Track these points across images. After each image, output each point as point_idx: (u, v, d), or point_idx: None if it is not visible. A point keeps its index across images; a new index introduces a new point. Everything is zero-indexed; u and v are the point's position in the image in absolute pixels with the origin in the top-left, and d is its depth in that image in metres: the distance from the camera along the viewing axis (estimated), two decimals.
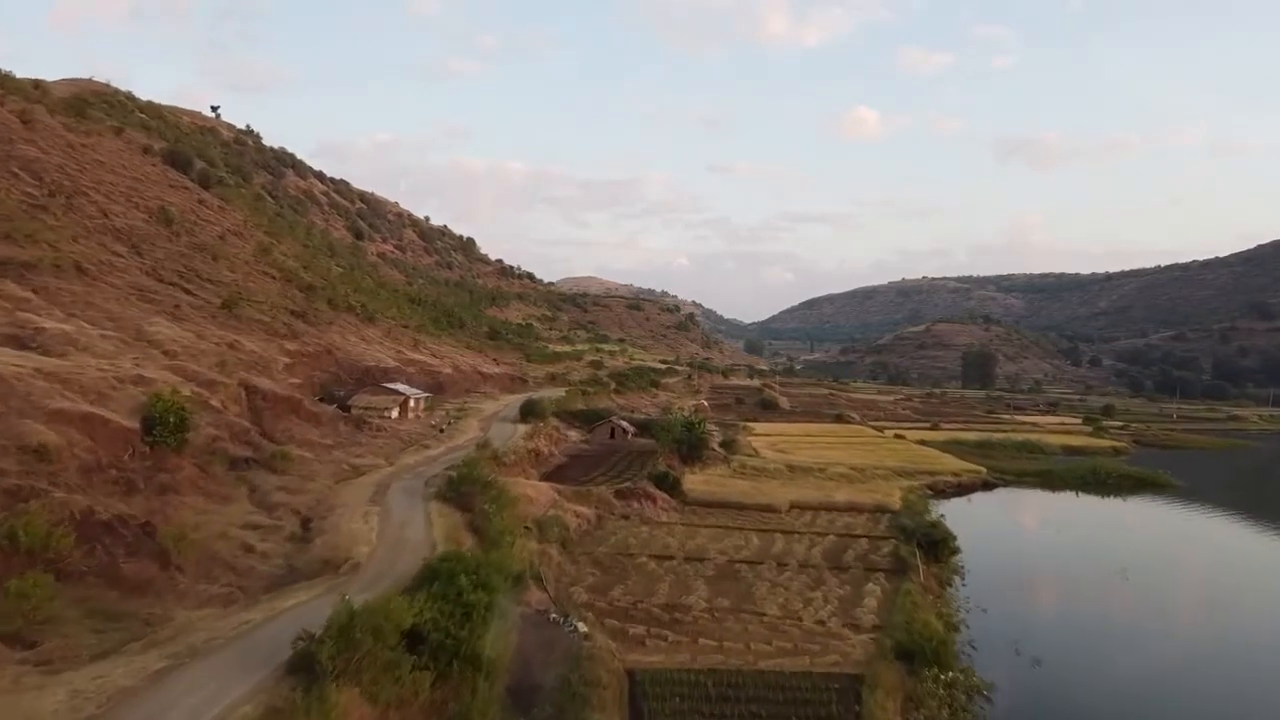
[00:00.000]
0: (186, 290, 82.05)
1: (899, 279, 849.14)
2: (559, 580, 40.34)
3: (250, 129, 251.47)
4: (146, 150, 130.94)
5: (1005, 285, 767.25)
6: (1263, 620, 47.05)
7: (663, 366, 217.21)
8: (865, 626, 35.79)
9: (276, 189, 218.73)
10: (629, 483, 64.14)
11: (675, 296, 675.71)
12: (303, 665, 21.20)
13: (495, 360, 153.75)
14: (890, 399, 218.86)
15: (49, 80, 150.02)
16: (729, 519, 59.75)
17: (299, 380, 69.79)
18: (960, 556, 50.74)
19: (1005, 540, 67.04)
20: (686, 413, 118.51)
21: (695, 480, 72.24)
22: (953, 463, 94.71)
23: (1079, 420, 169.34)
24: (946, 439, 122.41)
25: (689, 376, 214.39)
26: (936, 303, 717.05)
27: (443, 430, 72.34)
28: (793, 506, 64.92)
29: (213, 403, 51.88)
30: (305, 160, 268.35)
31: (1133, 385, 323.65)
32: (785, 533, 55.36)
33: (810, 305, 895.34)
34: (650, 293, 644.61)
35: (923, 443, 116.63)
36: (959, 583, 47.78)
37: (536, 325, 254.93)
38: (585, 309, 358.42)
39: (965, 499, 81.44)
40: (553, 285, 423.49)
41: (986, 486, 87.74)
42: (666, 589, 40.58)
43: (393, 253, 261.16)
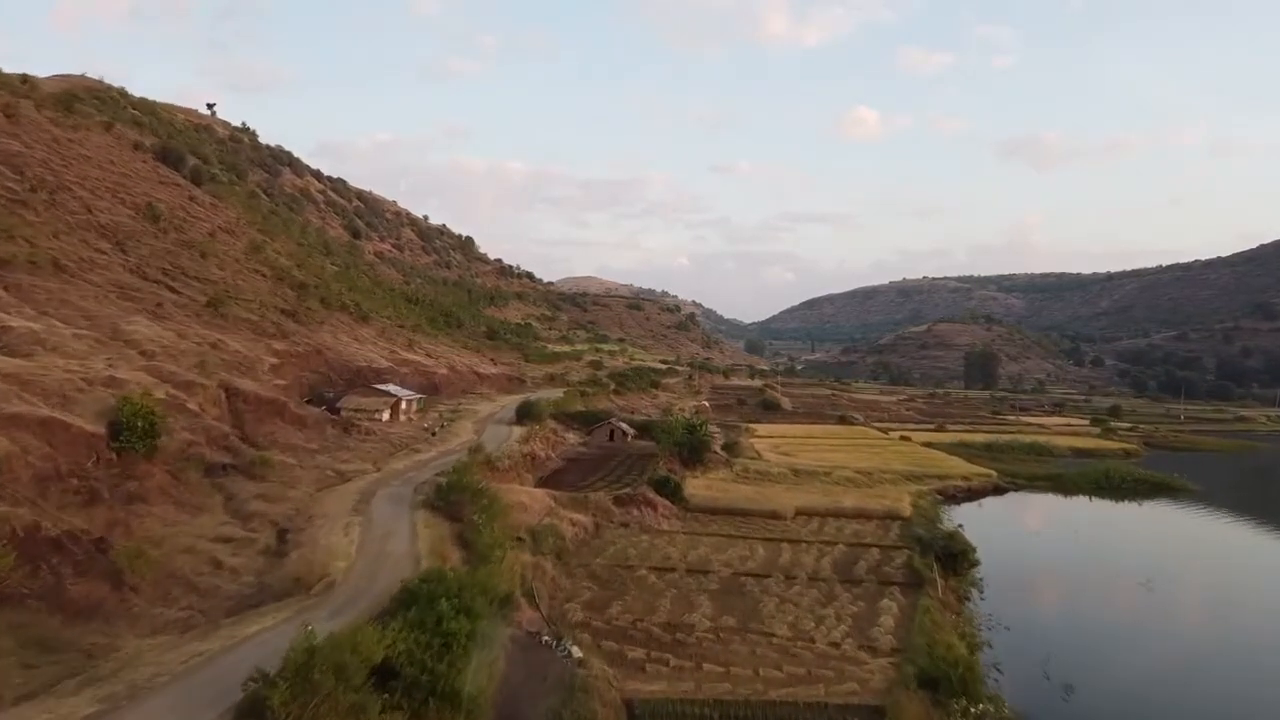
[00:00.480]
0: (171, 288, 79.49)
1: (899, 279, 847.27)
2: (553, 596, 37.72)
3: (246, 126, 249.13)
4: (137, 146, 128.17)
5: (1006, 285, 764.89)
6: None
7: (663, 367, 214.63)
8: (883, 649, 33.14)
9: (272, 187, 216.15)
10: (628, 488, 61.57)
11: (675, 296, 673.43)
12: (253, 711, 18.58)
13: (493, 360, 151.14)
14: (893, 399, 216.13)
15: (41, 76, 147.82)
16: (733, 527, 57.12)
17: (286, 381, 67.17)
18: (978, 569, 47.98)
19: (1022, 548, 63.95)
20: (687, 414, 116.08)
21: (697, 485, 69.69)
22: (962, 466, 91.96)
23: (1086, 421, 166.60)
24: (953, 441, 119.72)
25: (689, 377, 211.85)
26: (937, 303, 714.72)
27: (435, 433, 69.69)
28: (798, 513, 62.32)
29: (190, 405, 49.26)
30: (303, 159, 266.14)
31: (1136, 386, 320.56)
32: (792, 542, 52.76)
33: (810, 305, 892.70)
34: (650, 293, 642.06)
35: (929, 445, 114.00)
36: (977, 596, 45.14)
37: (535, 325, 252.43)
38: (585, 309, 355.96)
39: (976, 504, 78.68)
40: (552, 285, 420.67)
41: (997, 491, 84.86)
42: (668, 605, 37.99)
43: (390, 252, 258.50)
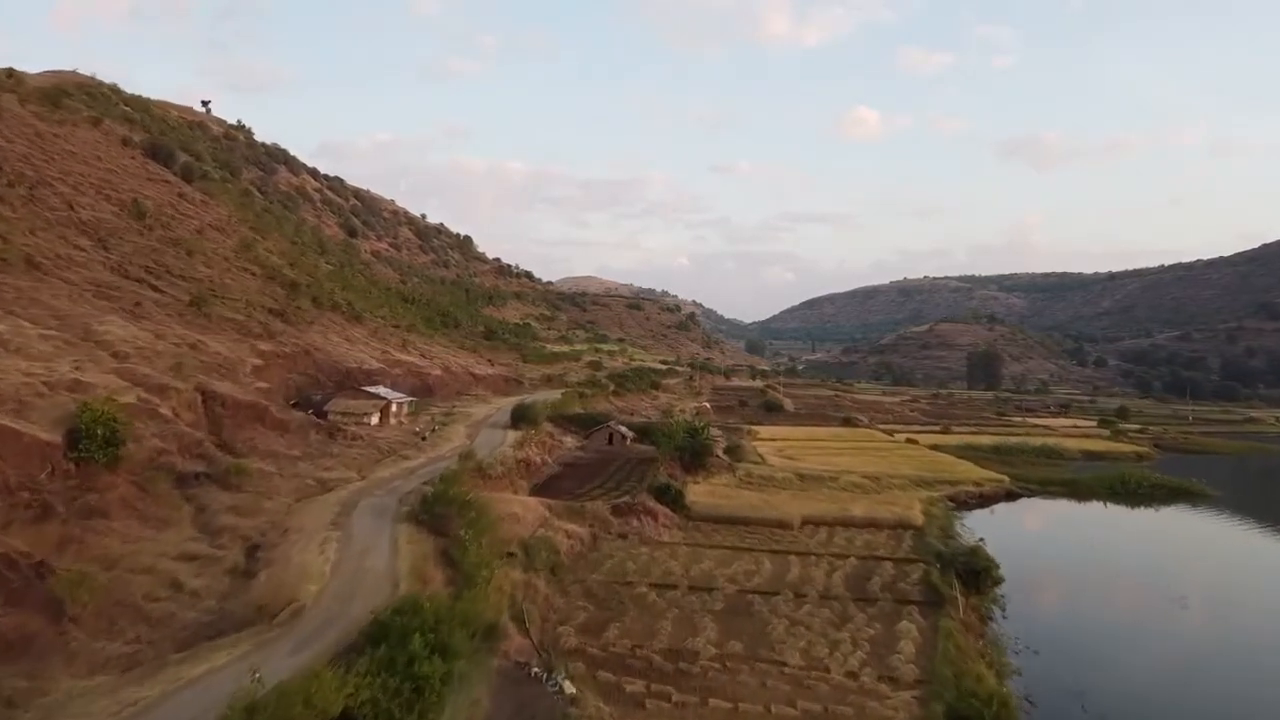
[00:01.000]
0: (154, 287, 76.64)
1: (900, 279, 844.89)
2: (545, 619, 34.90)
3: (241, 124, 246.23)
4: (126, 142, 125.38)
5: (1007, 285, 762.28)
6: None
7: (663, 367, 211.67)
8: (905, 680, 30.30)
9: (267, 185, 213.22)
10: (628, 496, 58.71)
11: (675, 296, 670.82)
12: None
13: (490, 361, 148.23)
14: (896, 400, 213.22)
15: (32, 73, 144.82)
16: (737, 538, 54.28)
17: (270, 384, 64.27)
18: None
19: (1043, 559, 60.47)
20: (688, 416, 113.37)
21: (699, 491, 66.87)
22: (973, 470, 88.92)
23: (1094, 423, 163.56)
24: (960, 444, 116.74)
25: (690, 378, 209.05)
26: (938, 302, 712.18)
27: (425, 438, 66.80)
28: (806, 522, 59.49)
29: (162, 410, 46.39)
30: (300, 158, 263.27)
31: (1140, 386, 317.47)
32: (801, 554, 49.90)
33: (811, 305, 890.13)
34: (650, 292, 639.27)
35: (936, 447, 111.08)
36: (999, 615, 42.27)
37: (534, 325, 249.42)
38: (584, 308, 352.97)
39: (988, 510, 75.72)
40: (551, 284, 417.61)
41: (1010, 496, 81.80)
42: (669, 628, 35.17)
43: (387, 251, 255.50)
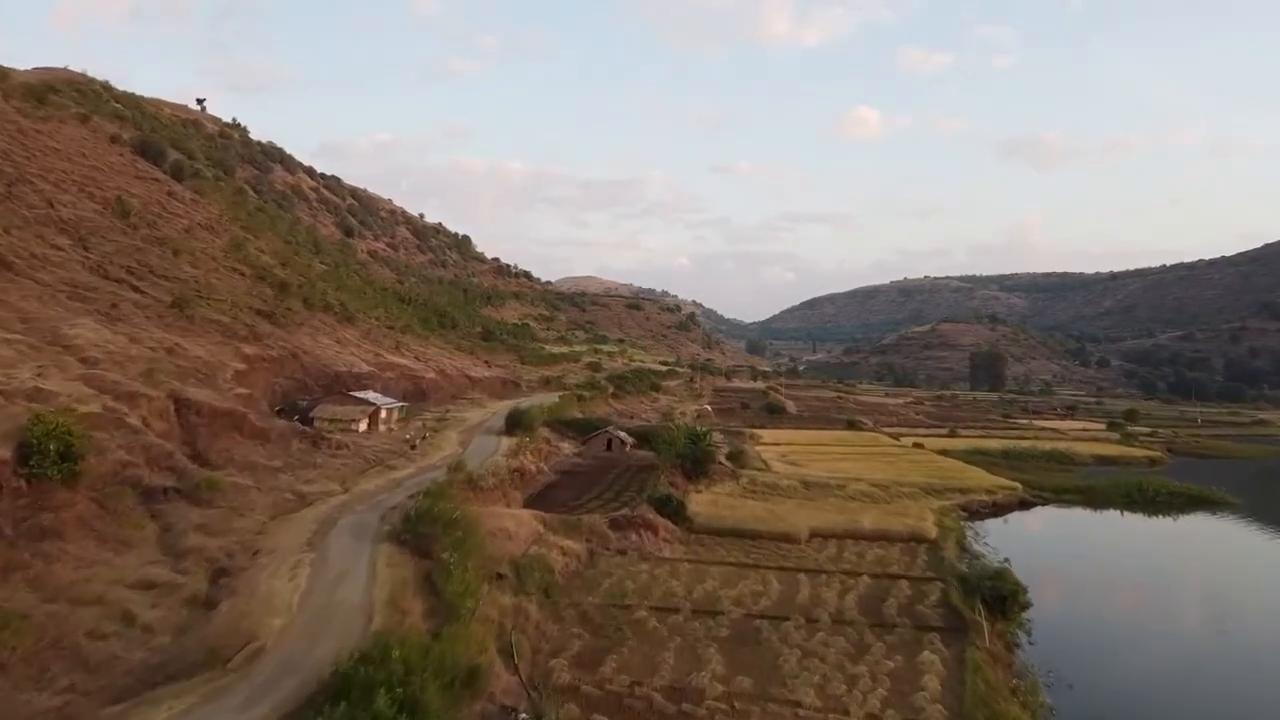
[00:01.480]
0: (134, 288, 73.75)
1: (900, 279, 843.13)
2: (536, 650, 32.02)
3: (237, 123, 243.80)
4: (114, 140, 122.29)
5: (1008, 285, 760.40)
6: None
7: (663, 368, 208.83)
8: None
9: (262, 184, 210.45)
10: (627, 508, 55.79)
11: (675, 296, 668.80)
12: None
13: (487, 363, 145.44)
14: (900, 402, 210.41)
15: (21, 69, 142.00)
16: (742, 552, 51.38)
17: (252, 389, 61.36)
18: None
19: (1065, 576, 56.90)
20: (689, 419, 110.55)
21: (701, 501, 63.95)
22: (984, 477, 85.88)
23: (1102, 426, 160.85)
24: (967, 448, 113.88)
25: (690, 379, 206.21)
26: (939, 302, 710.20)
27: (415, 446, 63.91)
28: (813, 534, 56.50)
29: (130, 419, 43.46)
30: (297, 157, 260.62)
31: (1145, 387, 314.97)
32: (810, 572, 46.98)
33: (811, 305, 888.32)
34: (650, 292, 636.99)
35: (943, 452, 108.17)
36: (1026, 642, 39.35)
37: (533, 325, 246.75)
38: (584, 308, 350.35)
39: (1001, 519, 72.82)
40: (550, 284, 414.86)
41: (1023, 505, 78.67)
42: (671, 660, 32.28)
43: (384, 250, 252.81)
